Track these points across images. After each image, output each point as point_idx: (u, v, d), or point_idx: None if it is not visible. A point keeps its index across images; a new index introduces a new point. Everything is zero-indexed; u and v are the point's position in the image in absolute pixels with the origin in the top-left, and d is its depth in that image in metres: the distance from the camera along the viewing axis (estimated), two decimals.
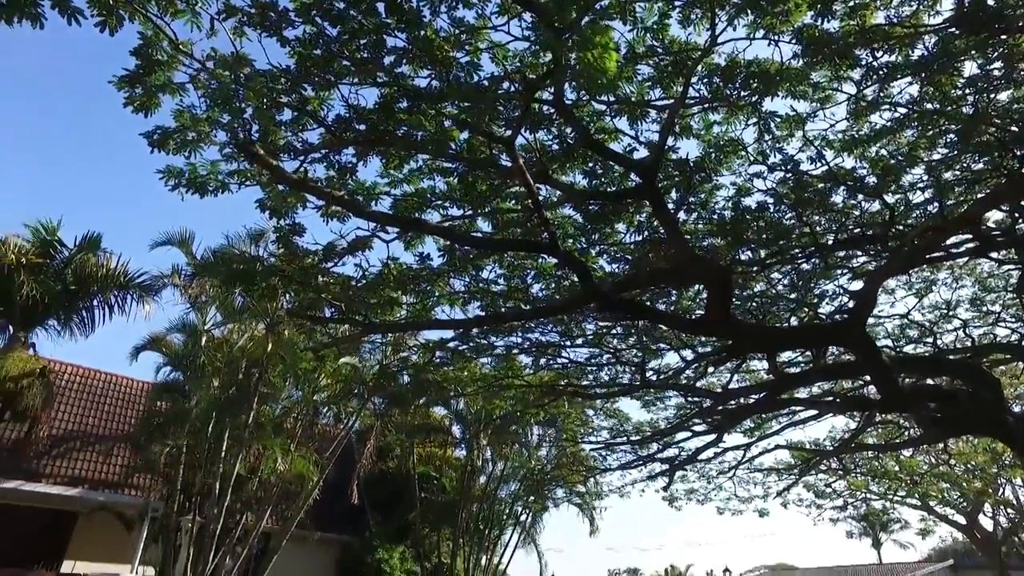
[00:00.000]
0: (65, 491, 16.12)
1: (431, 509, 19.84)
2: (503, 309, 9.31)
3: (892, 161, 7.30)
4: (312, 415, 16.02)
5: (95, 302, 13.88)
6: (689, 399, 14.05)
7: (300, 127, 6.43)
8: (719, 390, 13.05)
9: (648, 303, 9.33)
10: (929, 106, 6.58)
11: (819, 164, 7.26)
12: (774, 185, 7.95)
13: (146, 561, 16.18)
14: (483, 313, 8.94)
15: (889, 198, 7.74)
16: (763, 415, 15.02)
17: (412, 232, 7.07)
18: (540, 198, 7.89)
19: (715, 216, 8.70)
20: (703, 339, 12.33)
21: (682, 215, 8.47)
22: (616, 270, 9.19)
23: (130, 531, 16.81)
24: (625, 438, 15.71)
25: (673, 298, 10.73)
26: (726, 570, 13.87)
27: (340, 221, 6.94)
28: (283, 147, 6.48)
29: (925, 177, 7.62)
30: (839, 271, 9.96)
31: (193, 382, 14.11)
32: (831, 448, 16.77)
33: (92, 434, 18.78)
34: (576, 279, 8.90)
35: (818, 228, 8.75)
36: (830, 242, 8.75)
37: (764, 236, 8.86)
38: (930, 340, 11.99)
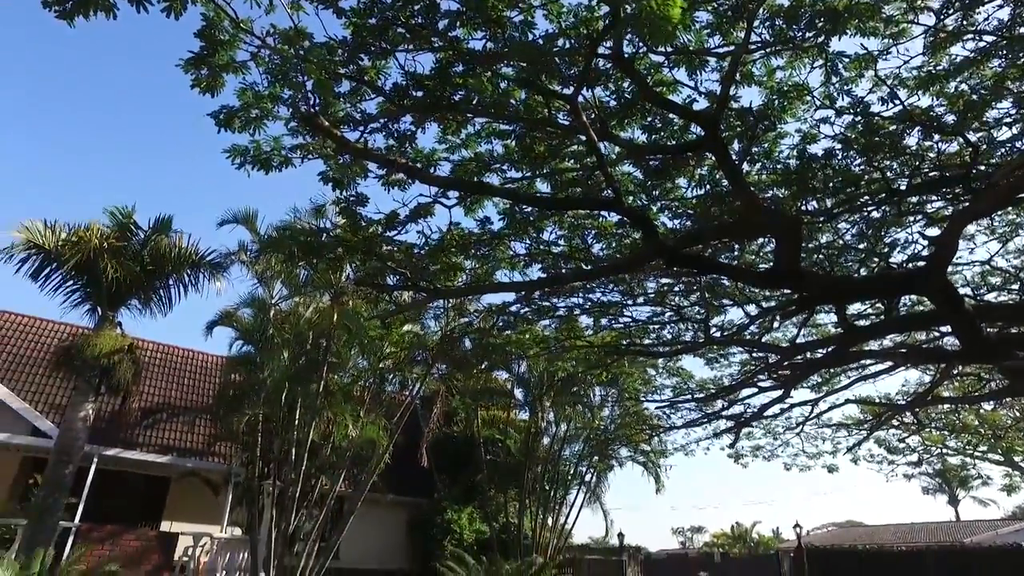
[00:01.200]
0: (158, 458, 17.25)
1: (497, 471, 20.28)
2: (564, 270, 9.30)
3: (975, 96, 6.85)
4: (379, 382, 16.51)
5: (170, 281, 14.52)
6: (754, 355, 13.82)
7: (358, 98, 6.50)
8: (785, 345, 12.78)
9: (711, 258, 9.15)
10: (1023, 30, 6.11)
11: (892, 105, 6.86)
12: (842, 130, 7.60)
13: (233, 522, 17.23)
14: (544, 275, 8.95)
15: (971, 136, 7.29)
16: (831, 370, 14.66)
17: (476, 194, 7.11)
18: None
19: (779, 165, 8.42)
20: (767, 294, 12.07)
21: (745, 166, 8.22)
22: (678, 226, 9.03)
23: (217, 494, 17.90)
24: (689, 396, 15.62)
25: (735, 252, 10.50)
26: (796, 525, 13.72)
27: (401, 189, 7.03)
28: (342, 119, 6.58)
29: (1013, 111, 7.13)
30: (912, 218, 9.51)
31: (264, 354, 14.71)
32: (904, 402, 16.25)
33: (176, 406, 19.96)
34: (638, 236, 8.82)
35: (890, 173, 8.35)
36: (903, 187, 8.34)
37: (831, 184, 8.52)
38: (1016, 287, 11.35)
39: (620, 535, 14.60)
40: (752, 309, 12.20)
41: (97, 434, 15.32)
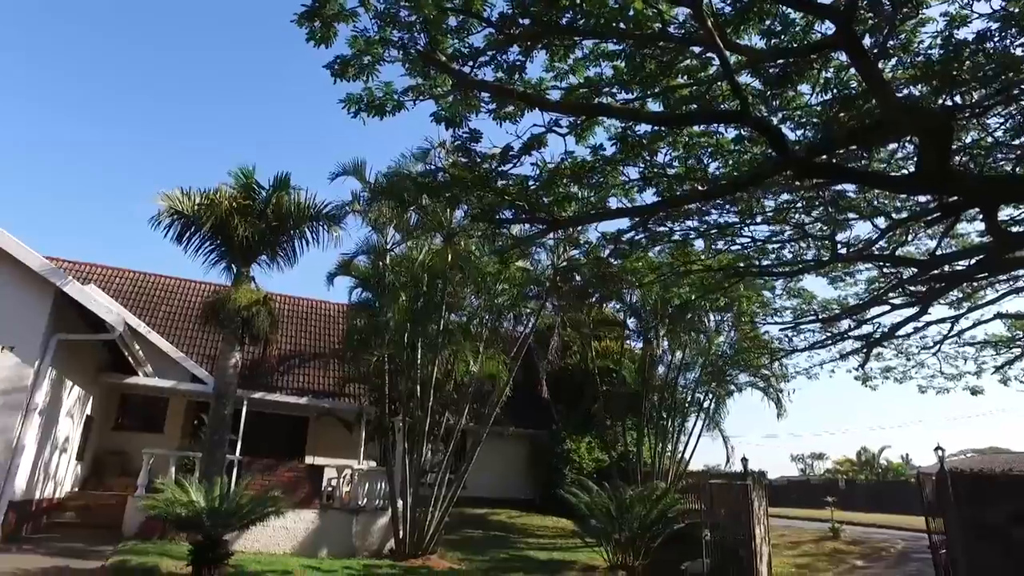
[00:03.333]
0: (297, 399, 18.83)
1: (613, 401, 20.53)
2: (679, 193, 9.00)
3: None
4: (495, 319, 16.92)
5: (293, 235, 15.39)
6: (886, 270, 12.94)
7: (465, 32, 6.46)
8: (923, 258, 11.86)
9: (843, 166, 8.54)
10: None
11: None
12: (1002, 3, 6.70)
13: (368, 456, 18.63)
14: (659, 199, 8.70)
15: None
16: (975, 283, 13.50)
17: (596, 116, 6.95)
18: (713, 68, 7.38)
19: (919, 58, 7.60)
20: (899, 204, 11.20)
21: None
22: (800, 137, 8.46)
23: (351, 431, 19.36)
24: (814, 316, 14.95)
25: (864, 161, 9.73)
26: (938, 447, 12.90)
27: (513, 122, 6.99)
28: (451, 56, 6.58)
29: None
30: None
31: (384, 299, 15.42)
32: None
33: (306, 352, 21.62)
34: (758, 151, 8.37)
35: None
36: None
37: (982, 73, 7.60)
38: None
39: (744, 459, 14.41)
40: (882, 222, 11.38)
41: (244, 379, 16.85)
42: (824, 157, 8.27)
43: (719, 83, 7.54)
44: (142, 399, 19.09)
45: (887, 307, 13.83)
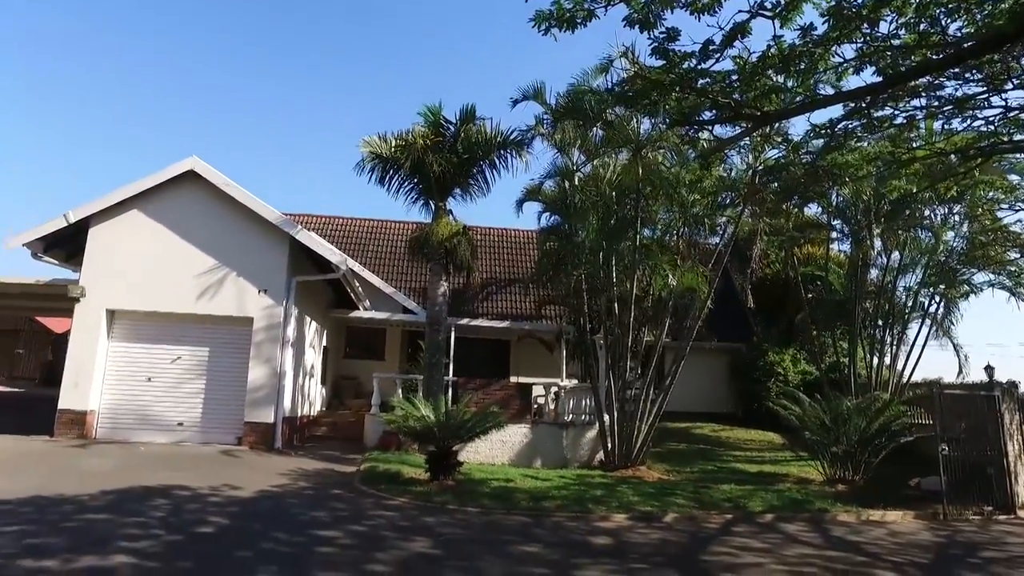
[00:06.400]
0: (499, 323, 20.03)
1: (819, 309, 19.10)
2: (904, 68, 7.83)
3: None
4: (691, 230, 16.37)
5: (483, 165, 15.92)
6: None
7: None
8: None
9: None
10: None
11: None
12: None
13: (570, 374, 19.38)
14: (882, 78, 7.65)
15: None
16: None
17: None
18: None
19: None
20: None
21: None
22: None
23: (551, 351, 20.23)
24: None
25: None
26: None
27: (711, 14, 6.49)
28: None
29: None
30: None
31: (575, 219, 15.55)
32: None
33: (502, 279, 22.78)
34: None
35: None
36: None
37: None
38: None
39: (989, 368, 12.64)
40: None
41: (449, 307, 18.19)
42: None
43: None
44: (364, 331, 21.58)
45: None
